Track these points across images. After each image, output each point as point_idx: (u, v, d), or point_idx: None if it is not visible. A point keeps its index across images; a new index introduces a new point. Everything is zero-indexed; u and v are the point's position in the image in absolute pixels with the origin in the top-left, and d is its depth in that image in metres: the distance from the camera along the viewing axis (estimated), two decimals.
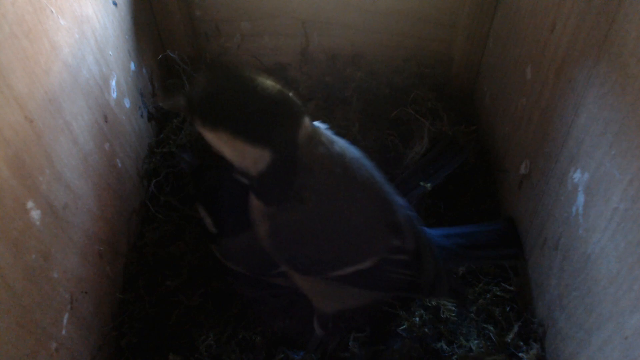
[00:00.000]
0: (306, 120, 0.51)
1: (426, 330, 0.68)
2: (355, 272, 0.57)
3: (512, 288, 0.71)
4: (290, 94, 0.51)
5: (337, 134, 0.88)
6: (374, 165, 0.60)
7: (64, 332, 0.57)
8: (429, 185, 0.78)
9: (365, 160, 0.59)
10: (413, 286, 0.62)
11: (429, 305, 0.70)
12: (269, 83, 0.50)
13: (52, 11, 0.57)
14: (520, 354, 0.64)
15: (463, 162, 0.83)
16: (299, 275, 0.59)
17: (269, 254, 0.58)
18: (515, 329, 0.67)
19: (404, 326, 0.68)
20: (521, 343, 0.65)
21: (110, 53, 0.73)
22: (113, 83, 0.73)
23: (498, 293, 0.71)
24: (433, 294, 0.66)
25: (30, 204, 0.52)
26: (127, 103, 0.78)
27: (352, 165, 0.55)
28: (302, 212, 0.53)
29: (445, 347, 0.67)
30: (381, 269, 0.58)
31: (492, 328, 0.68)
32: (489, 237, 0.71)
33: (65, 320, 0.58)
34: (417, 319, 0.69)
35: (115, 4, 0.76)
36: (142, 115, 0.84)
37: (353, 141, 0.87)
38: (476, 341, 0.67)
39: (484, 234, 0.71)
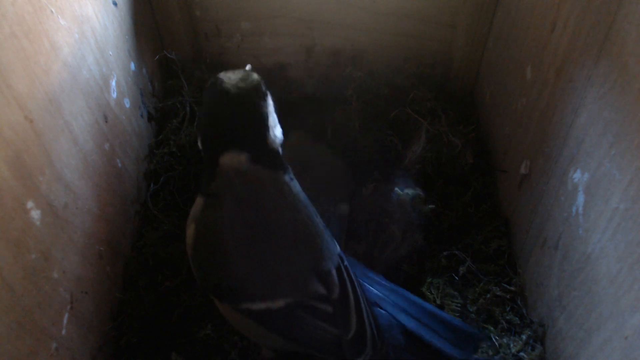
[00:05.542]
0: (229, 155, 0.51)
1: None
2: (266, 310, 0.54)
3: (512, 288, 0.71)
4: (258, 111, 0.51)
5: (337, 134, 0.89)
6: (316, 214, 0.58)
7: (64, 332, 0.57)
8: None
9: (311, 209, 0.57)
10: (332, 348, 0.56)
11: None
12: (245, 101, 0.51)
13: (52, 11, 0.57)
14: (521, 354, 0.64)
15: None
16: (216, 300, 0.57)
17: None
18: (516, 329, 0.67)
19: None
20: (522, 343, 0.65)
21: (110, 53, 0.73)
22: (113, 83, 0.73)
23: (498, 293, 0.71)
24: None
25: (30, 204, 0.52)
26: (127, 103, 0.78)
27: (288, 207, 0.54)
28: (222, 221, 0.53)
29: None
30: (296, 316, 0.54)
31: (492, 328, 0.68)
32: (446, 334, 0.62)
33: (65, 320, 0.58)
34: None
35: (115, 4, 0.76)
36: (142, 116, 0.84)
37: (353, 141, 0.88)
38: None
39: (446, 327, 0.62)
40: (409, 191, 0.76)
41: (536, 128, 0.68)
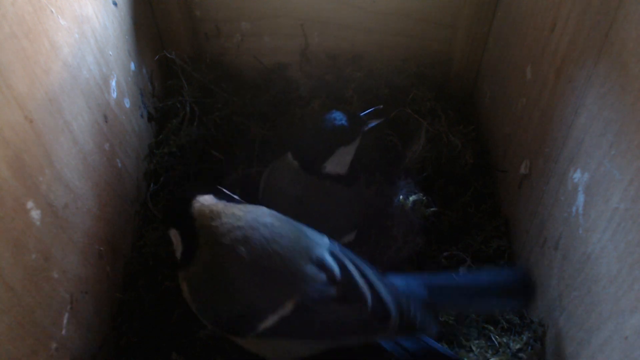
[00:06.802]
0: (198, 199, 0.59)
1: None
2: (281, 320, 0.54)
3: None
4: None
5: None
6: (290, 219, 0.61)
7: (64, 332, 0.57)
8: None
9: (277, 217, 0.60)
10: (360, 326, 0.56)
11: None
12: None
13: (52, 11, 0.57)
14: (521, 354, 0.64)
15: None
16: (238, 338, 0.59)
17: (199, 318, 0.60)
18: (516, 329, 0.67)
19: None
20: (522, 343, 0.65)
21: (110, 53, 0.73)
22: (113, 83, 0.73)
23: None
24: (401, 332, 0.57)
25: (30, 204, 0.52)
26: (127, 103, 0.78)
27: (255, 224, 0.58)
28: (210, 270, 0.57)
29: (446, 347, 0.67)
30: (310, 310, 0.55)
31: (492, 328, 0.68)
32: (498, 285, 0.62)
33: (65, 320, 0.58)
34: None
35: (115, 4, 0.76)
36: (142, 116, 0.84)
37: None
38: (477, 341, 0.67)
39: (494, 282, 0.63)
40: (411, 197, 0.76)
41: (536, 128, 0.68)
